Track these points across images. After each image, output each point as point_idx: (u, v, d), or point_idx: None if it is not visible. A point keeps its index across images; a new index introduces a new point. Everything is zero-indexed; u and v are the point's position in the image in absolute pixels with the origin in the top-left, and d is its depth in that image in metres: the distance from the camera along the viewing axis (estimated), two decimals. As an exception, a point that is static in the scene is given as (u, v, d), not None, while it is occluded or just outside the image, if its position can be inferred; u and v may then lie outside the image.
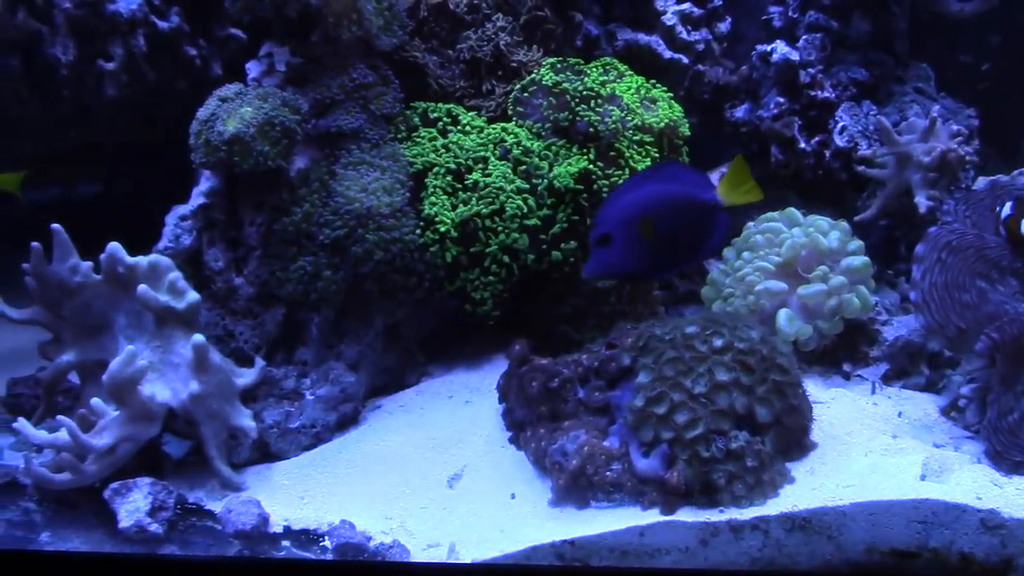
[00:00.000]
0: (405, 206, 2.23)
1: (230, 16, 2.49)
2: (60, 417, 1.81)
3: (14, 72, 2.38)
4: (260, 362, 2.12)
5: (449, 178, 2.30)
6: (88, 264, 2.04)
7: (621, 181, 2.26)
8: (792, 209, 2.39)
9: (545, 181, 2.24)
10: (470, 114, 2.46)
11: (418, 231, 2.25)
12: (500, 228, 2.24)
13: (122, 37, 2.41)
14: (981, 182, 2.26)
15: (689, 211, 1.93)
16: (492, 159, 2.30)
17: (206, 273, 2.24)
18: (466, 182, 2.29)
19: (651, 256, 1.94)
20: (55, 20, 2.36)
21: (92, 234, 2.08)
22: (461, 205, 2.25)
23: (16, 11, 2.33)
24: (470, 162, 2.31)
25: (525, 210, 2.24)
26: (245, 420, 1.99)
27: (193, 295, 2.00)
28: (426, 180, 2.30)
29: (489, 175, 2.27)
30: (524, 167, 2.28)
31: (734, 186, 1.93)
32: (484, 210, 2.23)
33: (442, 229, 2.23)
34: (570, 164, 2.28)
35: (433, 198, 2.27)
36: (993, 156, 2.78)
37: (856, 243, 2.28)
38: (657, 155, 2.35)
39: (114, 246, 1.99)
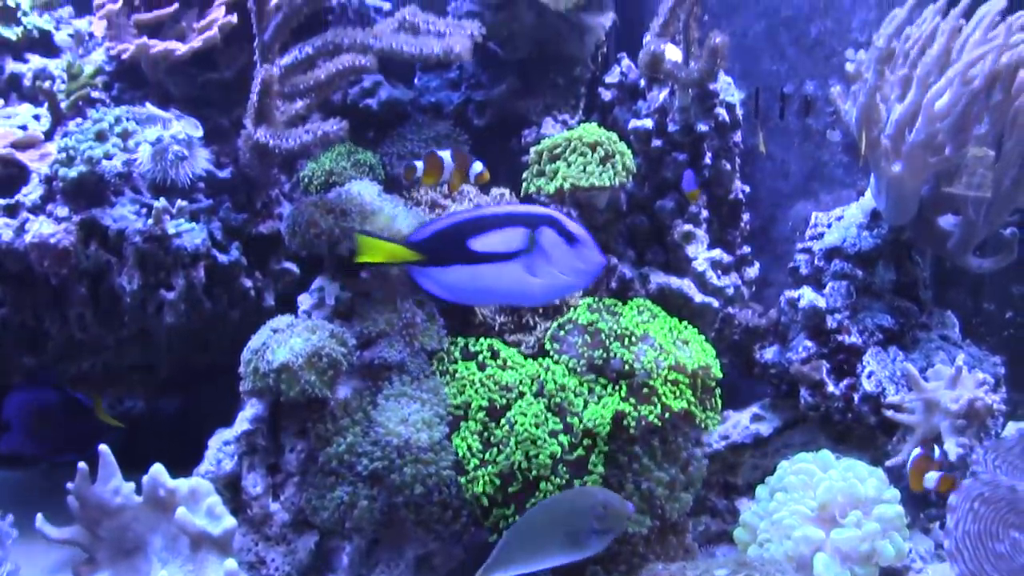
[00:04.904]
0: (444, 440, 2.26)
1: (286, 251, 2.65)
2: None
3: (81, 298, 2.52)
4: (290, 591, 2.12)
5: (482, 415, 2.32)
6: (131, 486, 2.07)
7: (652, 417, 2.30)
8: (826, 452, 2.42)
9: (578, 420, 2.27)
10: (511, 350, 2.53)
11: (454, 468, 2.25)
12: (536, 473, 2.23)
13: (184, 269, 2.55)
14: (1013, 435, 2.29)
15: None
16: (528, 395, 2.33)
17: (243, 497, 2.28)
18: (501, 422, 2.29)
19: None
20: (124, 252, 2.50)
21: (135, 451, 2.14)
22: (495, 450, 2.26)
23: (89, 243, 2.49)
24: (505, 399, 2.33)
25: (560, 454, 2.24)
26: (271, 652, 1.97)
27: (229, 521, 2.02)
28: (460, 424, 2.33)
29: (524, 416, 2.27)
30: (558, 400, 2.32)
31: None
32: (521, 462, 2.23)
33: (473, 489, 2.24)
34: (604, 408, 2.31)
35: (465, 441, 2.28)
36: (1022, 403, 2.80)
37: (891, 491, 2.28)
38: (691, 396, 2.39)
39: (157, 469, 2.04)
